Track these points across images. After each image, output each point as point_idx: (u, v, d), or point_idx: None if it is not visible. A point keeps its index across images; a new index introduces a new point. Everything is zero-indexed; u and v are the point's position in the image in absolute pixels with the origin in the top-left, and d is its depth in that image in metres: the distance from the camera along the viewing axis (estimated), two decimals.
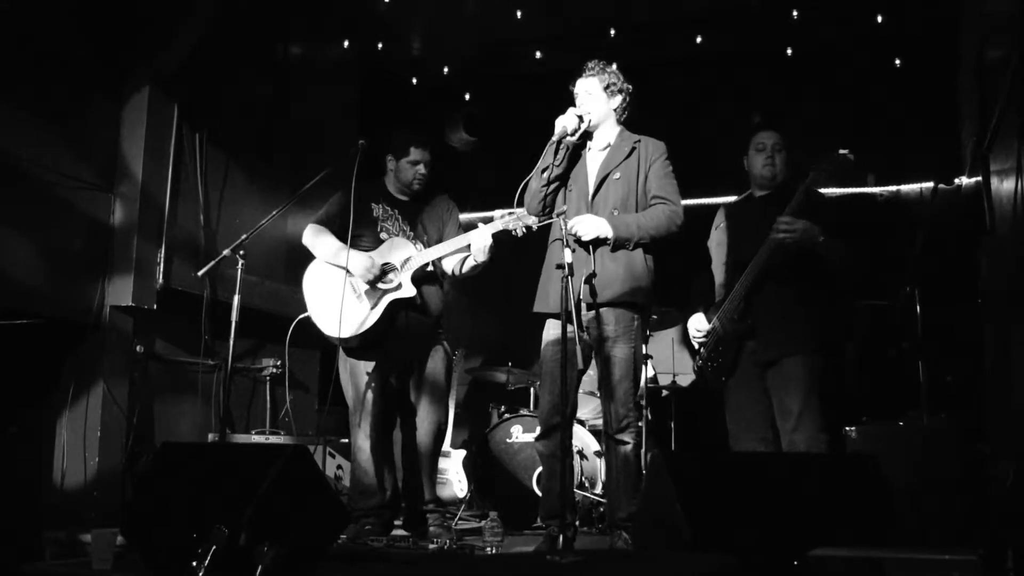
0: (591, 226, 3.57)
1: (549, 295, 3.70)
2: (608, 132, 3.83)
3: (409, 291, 3.93)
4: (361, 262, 3.92)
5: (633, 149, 3.75)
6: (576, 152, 3.80)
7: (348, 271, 3.92)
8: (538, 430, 3.74)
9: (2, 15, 3.99)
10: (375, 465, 3.97)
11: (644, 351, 5.26)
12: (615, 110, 3.83)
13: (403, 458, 4.12)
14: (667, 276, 3.78)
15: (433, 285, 4.12)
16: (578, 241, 3.58)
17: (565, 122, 3.67)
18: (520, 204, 3.78)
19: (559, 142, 3.68)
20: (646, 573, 2.61)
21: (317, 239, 4.07)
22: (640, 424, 5.12)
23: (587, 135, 3.81)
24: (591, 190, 3.72)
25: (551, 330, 3.72)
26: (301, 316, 4.12)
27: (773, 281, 3.62)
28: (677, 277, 4.36)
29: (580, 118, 3.70)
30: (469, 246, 3.89)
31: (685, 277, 4.21)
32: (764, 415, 3.69)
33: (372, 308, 3.90)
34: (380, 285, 3.93)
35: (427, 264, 4.03)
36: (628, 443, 3.60)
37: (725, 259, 3.92)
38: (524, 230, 3.79)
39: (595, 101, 3.78)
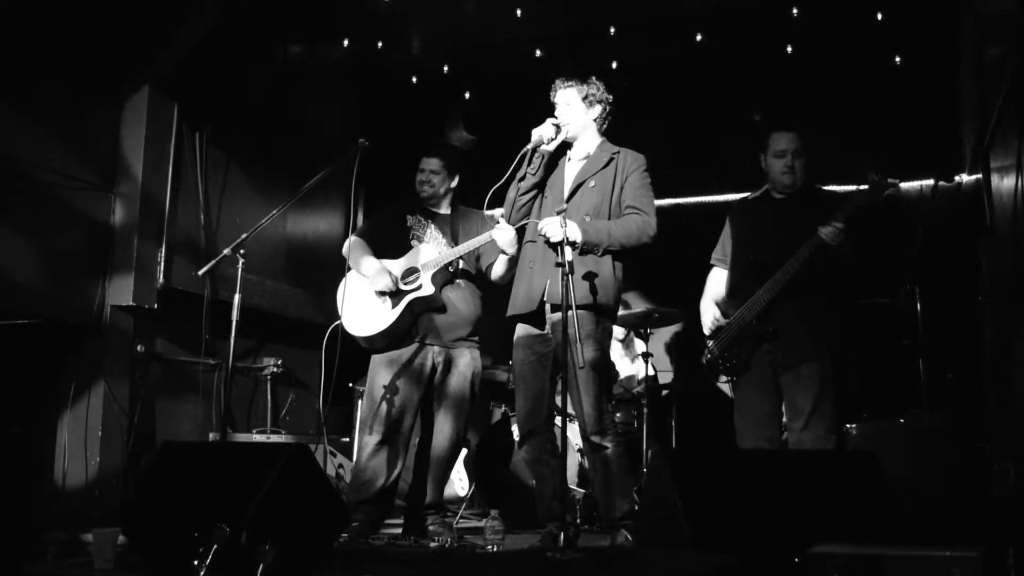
0: (558, 227, 3.47)
1: (518, 297, 3.71)
2: (588, 143, 3.80)
3: (427, 290, 4.00)
4: (381, 278, 4.03)
5: (611, 160, 3.73)
6: (554, 161, 3.79)
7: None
8: (517, 436, 3.72)
9: (1, 16, 4.00)
10: (375, 461, 3.96)
11: (646, 349, 5.28)
12: (595, 120, 3.80)
13: (415, 463, 4.14)
14: (668, 275, 3.78)
15: (462, 289, 4.14)
16: (547, 242, 3.55)
17: (541, 132, 3.67)
18: (490, 209, 3.81)
19: (533, 150, 3.68)
20: (647, 570, 2.61)
21: (350, 247, 4.22)
22: (625, 422, 5.13)
23: (567, 145, 3.79)
24: (565, 196, 3.71)
25: (520, 332, 3.74)
26: (335, 323, 4.18)
27: (797, 288, 3.63)
28: (679, 275, 4.35)
29: (557, 128, 3.69)
30: (491, 244, 3.92)
31: (687, 276, 4.20)
32: (773, 415, 3.71)
33: (393, 307, 4.02)
34: (402, 287, 4.03)
35: (449, 264, 4.06)
36: (607, 448, 3.57)
37: (740, 256, 3.91)
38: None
39: (573, 112, 3.76)
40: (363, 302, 4.08)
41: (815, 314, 3.66)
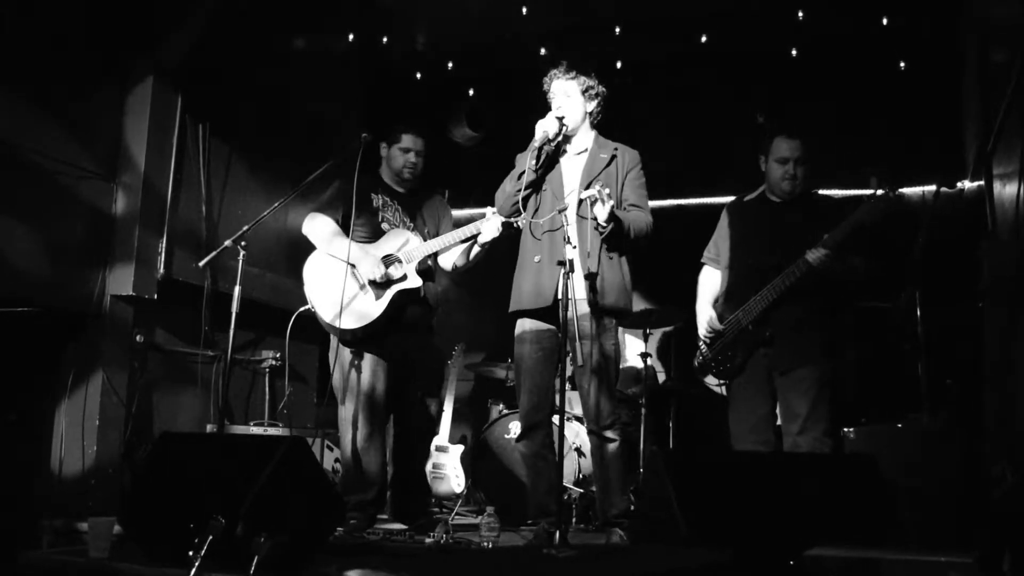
0: (606, 202, 3.45)
1: (523, 292, 3.69)
2: (584, 137, 3.80)
3: (415, 282, 3.95)
4: (368, 264, 3.91)
5: (613, 157, 3.72)
6: (552, 156, 3.77)
7: (352, 264, 3.92)
8: (518, 430, 3.74)
9: (6, 4, 3.99)
10: (363, 460, 3.94)
11: (644, 349, 5.29)
12: (590, 114, 3.79)
13: (394, 452, 4.14)
14: (669, 275, 3.78)
15: (431, 280, 4.15)
16: (596, 227, 3.54)
17: (546, 127, 3.64)
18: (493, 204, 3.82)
19: (540, 148, 3.65)
20: (641, 567, 2.61)
21: (316, 225, 4.07)
22: (624, 421, 5.14)
23: (563, 139, 3.77)
24: (565, 193, 3.69)
25: (526, 326, 3.72)
26: (302, 309, 4.11)
27: (794, 293, 3.64)
28: (677, 276, 4.35)
29: (560, 122, 3.66)
30: (474, 237, 3.92)
31: (688, 276, 4.20)
32: (768, 418, 3.71)
33: (377, 299, 3.91)
34: (389, 272, 3.94)
35: (429, 256, 4.04)
36: (615, 440, 3.60)
37: (736, 259, 3.91)
38: (521, 223, 3.80)
39: (573, 104, 3.74)
40: (338, 288, 3.88)
41: (812, 319, 3.66)
